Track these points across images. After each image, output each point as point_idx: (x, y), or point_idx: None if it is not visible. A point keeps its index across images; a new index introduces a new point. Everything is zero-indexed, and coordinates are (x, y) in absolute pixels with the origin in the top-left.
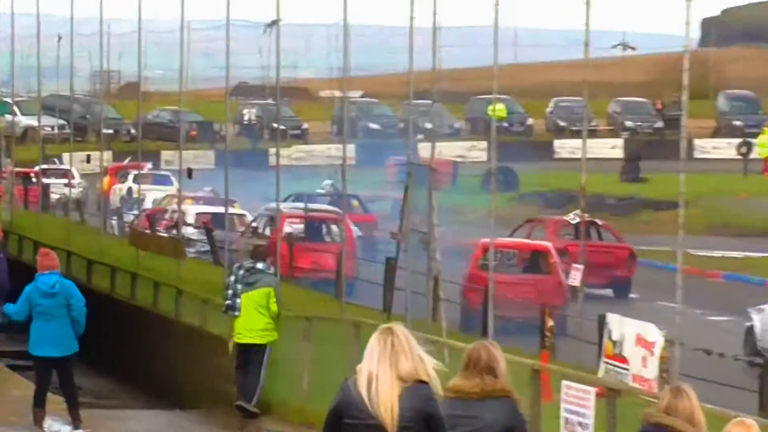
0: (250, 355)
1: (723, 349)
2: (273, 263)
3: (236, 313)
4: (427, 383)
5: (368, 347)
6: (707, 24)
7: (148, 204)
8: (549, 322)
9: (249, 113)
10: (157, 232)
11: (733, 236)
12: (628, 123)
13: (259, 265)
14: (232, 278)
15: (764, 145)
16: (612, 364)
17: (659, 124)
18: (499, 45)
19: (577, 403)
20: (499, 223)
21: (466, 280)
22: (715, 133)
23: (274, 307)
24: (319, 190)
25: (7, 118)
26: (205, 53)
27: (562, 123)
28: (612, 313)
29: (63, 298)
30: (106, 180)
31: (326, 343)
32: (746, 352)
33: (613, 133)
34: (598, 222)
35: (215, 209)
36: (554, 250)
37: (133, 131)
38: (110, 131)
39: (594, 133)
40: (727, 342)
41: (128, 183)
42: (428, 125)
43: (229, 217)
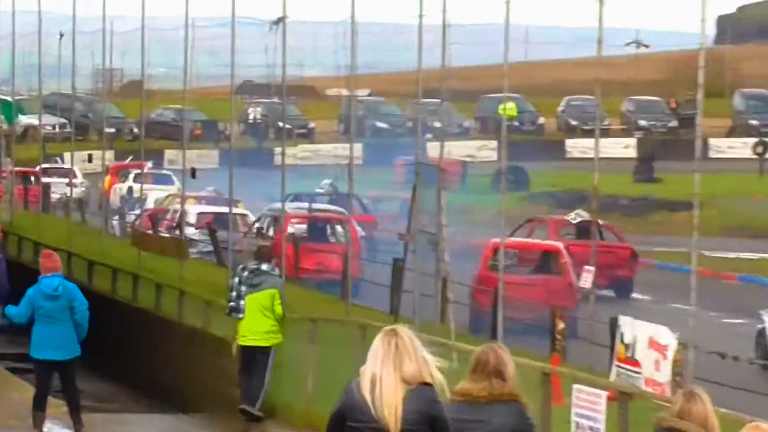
0: (254, 357)
1: (737, 352)
2: (278, 264)
3: (240, 315)
4: (432, 385)
5: (372, 349)
6: (723, 21)
7: (149, 204)
8: (560, 325)
9: (254, 112)
10: (159, 233)
11: (749, 237)
12: (642, 122)
13: (264, 267)
14: (236, 280)
15: None
16: (624, 368)
17: (673, 123)
18: (509, 42)
19: (588, 407)
20: (509, 224)
21: (476, 281)
22: (731, 133)
23: (278, 309)
24: (318, 190)
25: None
26: (209, 51)
27: (573, 122)
28: (624, 316)
29: (66, 301)
30: (108, 179)
31: (332, 346)
32: (758, 355)
33: (626, 133)
34: (599, 222)
35: (217, 209)
36: (565, 251)
37: (136, 130)
38: (112, 130)
39: (607, 133)
40: (742, 345)
41: (129, 182)
42: (437, 124)
43: (232, 217)
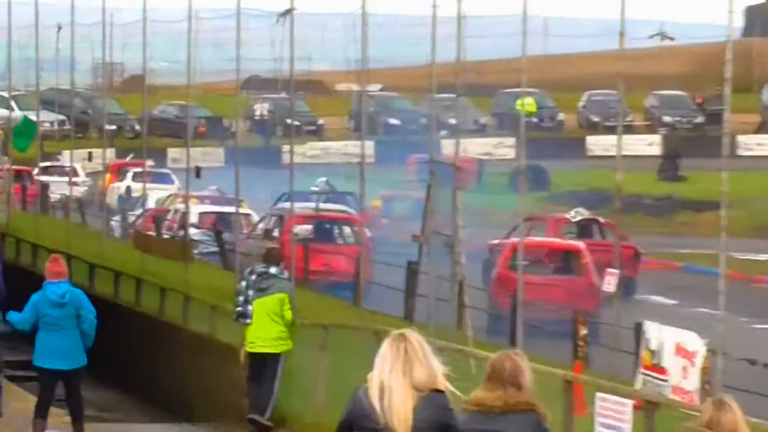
0: (262, 365)
1: None
2: (287, 267)
3: (248, 321)
4: (443, 392)
5: (380, 354)
6: (751, 12)
7: (150, 204)
8: (582, 331)
9: (261, 108)
10: (162, 234)
11: None
12: (667, 118)
13: (272, 270)
14: (244, 283)
15: None
16: (650, 375)
17: (699, 119)
18: (528, 35)
19: (612, 416)
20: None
21: (495, 282)
22: (760, 129)
23: (288, 315)
24: (313, 188)
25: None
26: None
27: (595, 118)
28: (650, 321)
29: (73, 309)
30: (108, 178)
31: (344, 353)
32: None
33: (650, 129)
34: (600, 220)
35: (220, 209)
36: (587, 251)
37: (138, 127)
38: (113, 127)
39: (630, 129)
40: None
41: (127, 181)
42: (452, 121)
43: (236, 217)
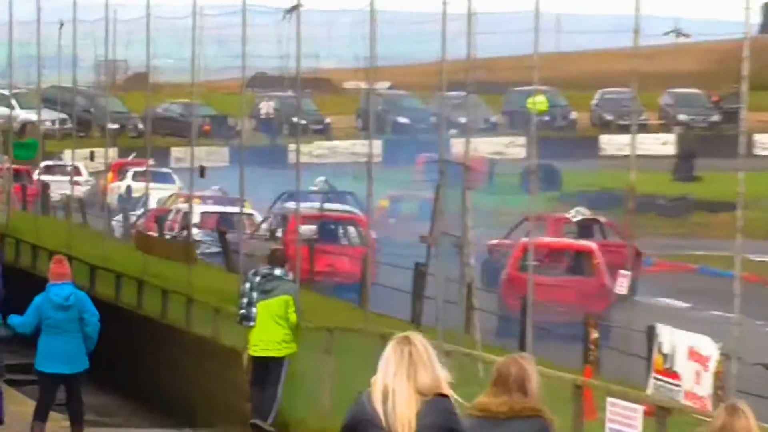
0: (266, 369)
1: None
2: (292, 269)
3: (251, 324)
4: (448, 396)
5: (383, 358)
6: None
7: (151, 204)
8: (593, 334)
9: (267, 106)
10: (165, 235)
11: None
12: (681, 116)
13: (277, 272)
14: (247, 285)
15: None
16: (662, 380)
17: (715, 117)
18: (540, 31)
19: (623, 422)
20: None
21: (504, 282)
22: None
23: (292, 317)
24: (312, 188)
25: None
26: (219, 41)
27: (608, 117)
28: (662, 324)
29: (76, 312)
30: (110, 177)
31: (349, 357)
32: None
33: (664, 128)
34: (601, 219)
35: (222, 209)
36: (598, 251)
37: (141, 126)
38: (116, 126)
39: (644, 128)
40: None
41: (127, 181)
42: (462, 119)
43: (240, 217)
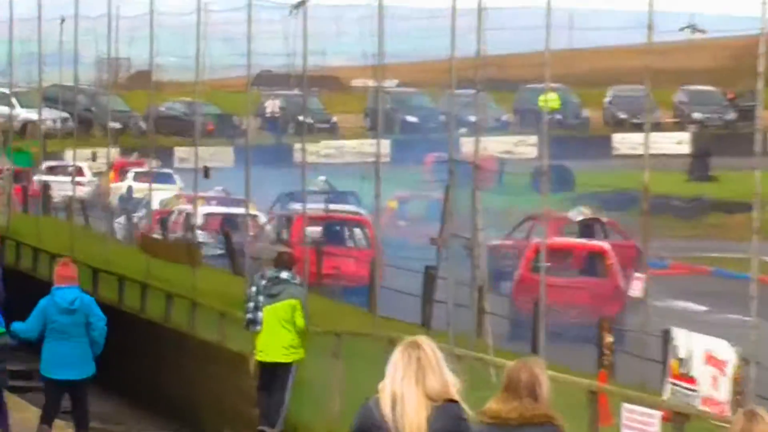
0: (273, 374)
1: None
2: (299, 272)
3: (258, 328)
4: (458, 402)
5: (391, 362)
6: None
7: (154, 205)
8: (607, 338)
9: (272, 105)
10: (169, 237)
11: None
12: (696, 115)
13: (284, 275)
14: (254, 289)
15: None
16: (679, 385)
17: (731, 115)
18: (552, 28)
19: (639, 428)
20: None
21: (517, 284)
22: None
23: (300, 322)
24: (312, 188)
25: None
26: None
27: (621, 115)
28: (678, 328)
29: (82, 316)
30: (111, 178)
31: (358, 362)
32: None
33: (679, 126)
34: (603, 219)
35: (225, 210)
36: (612, 251)
37: (144, 125)
38: (118, 125)
39: (657, 127)
40: None
41: (128, 181)
42: (472, 118)
43: (243, 219)
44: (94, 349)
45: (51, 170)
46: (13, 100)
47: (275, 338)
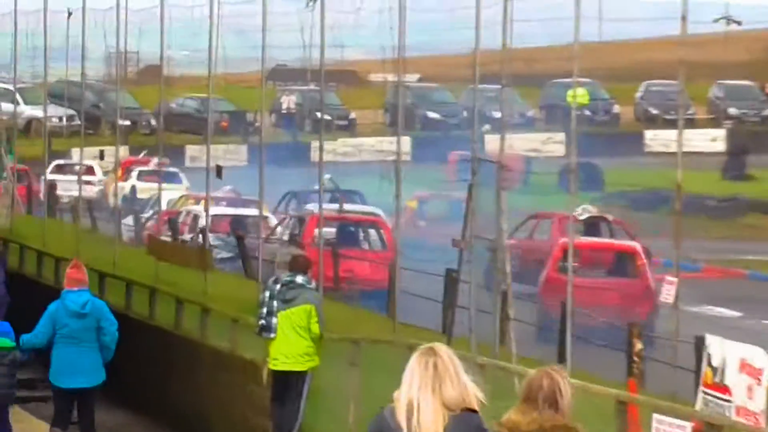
0: (287, 383)
1: None
2: (315, 276)
3: (272, 335)
4: (477, 411)
5: (407, 370)
6: None
7: (163, 206)
8: (637, 345)
9: (288, 101)
10: (178, 240)
11: None
12: (732, 110)
13: (299, 279)
14: (267, 294)
15: None
16: (712, 395)
17: None
18: (580, 19)
19: None
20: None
21: (543, 285)
22: None
23: (315, 328)
24: (317, 187)
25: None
26: (237, 31)
27: (654, 111)
28: (711, 334)
29: (94, 321)
30: (118, 177)
31: (377, 370)
32: None
33: (714, 123)
34: (608, 217)
35: (235, 211)
36: (643, 251)
37: (154, 123)
38: (127, 123)
39: (692, 123)
40: None
41: (132, 181)
42: (496, 114)
43: (254, 220)
44: (104, 355)
45: (60, 169)
46: (18, 97)
47: (289, 345)
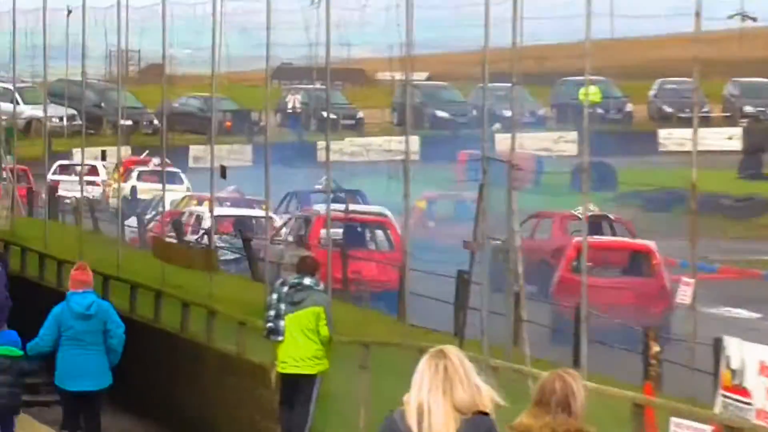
0: (296, 387)
1: None
2: (323, 278)
3: (279, 338)
4: (488, 415)
5: (417, 373)
6: None
7: (166, 206)
8: (654, 348)
9: (293, 100)
10: (183, 241)
11: None
12: (748, 108)
13: (307, 281)
14: (275, 296)
15: None
16: (731, 398)
17: None
18: (592, 16)
19: None
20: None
21: (557, 286)
22: None
23: (324, 331)
24: (317, 186)
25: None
26: (241, 29)
27: (668, 109)
28: (730, 336)
29: (99, 323)
30: (119, 177)
31: (387, 373)
32: None
33: (729, 121)
34: (610, 216)
35: (239, 212)
36: (657, 250)
37: (156, 122)
38: (129, 122)
39: (706, 121)
40: None
41: (132, 181)
42: (507, 113)
43: (258, 221)
44: (111, 359)
45: (63, 169)
46: (17, 96)
47: (298, 348)
